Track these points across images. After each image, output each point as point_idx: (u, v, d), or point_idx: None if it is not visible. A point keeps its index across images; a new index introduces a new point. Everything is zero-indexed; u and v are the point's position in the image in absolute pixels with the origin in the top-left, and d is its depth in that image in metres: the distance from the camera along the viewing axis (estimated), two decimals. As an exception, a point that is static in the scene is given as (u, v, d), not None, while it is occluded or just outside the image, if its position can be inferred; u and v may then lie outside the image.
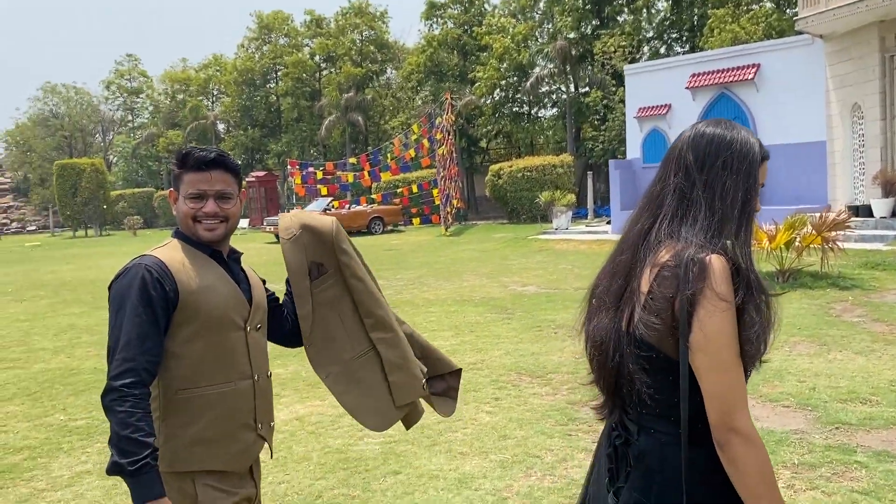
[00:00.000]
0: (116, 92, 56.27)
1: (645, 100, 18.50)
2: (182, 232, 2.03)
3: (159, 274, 1.85)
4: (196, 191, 1.97)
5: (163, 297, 1.84)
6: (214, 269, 1.99)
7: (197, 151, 1.99)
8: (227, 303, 1.96)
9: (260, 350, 2.08)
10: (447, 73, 35.65)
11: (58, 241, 38.18)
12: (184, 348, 1.89)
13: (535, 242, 18.18)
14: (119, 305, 1.83)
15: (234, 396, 1.95)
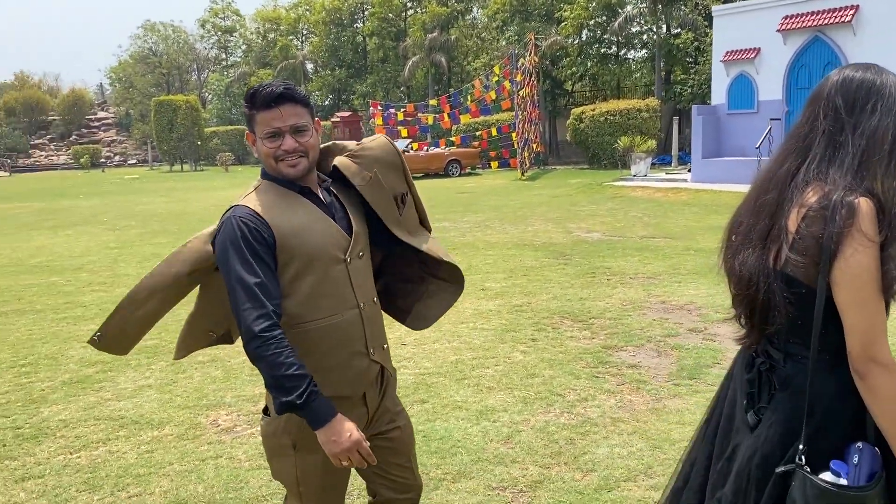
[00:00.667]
0: (211, 30, 57.71)
1: (733, 43, 17.68)
2: (268, 172, 2.02)
3: (254, 223, 1.87)
4: (271, 129, 1.94)
5: (263, 244, 1.87)
6: (306, 207, 1.99)
7: (263, 88, 1.94)
8: (324, 240, 1.97)
9: (363, 278, 2.08)
10: (533, 12, 34.86)
11: (155, 174, 40.08)
12: (290, 287, 1.93)
13: (609, 189, 17.94)
14: (227, 260, 1.86)
15: (344, 326, 1.99)
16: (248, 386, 4.86)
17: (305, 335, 1.95)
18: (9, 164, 50.65)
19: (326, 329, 1.97)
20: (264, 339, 1.79)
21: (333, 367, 1.99)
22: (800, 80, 16.68)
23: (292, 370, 1.79)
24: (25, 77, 65.51)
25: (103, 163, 52.01)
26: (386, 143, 2.18)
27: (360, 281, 2.05)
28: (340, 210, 2.07)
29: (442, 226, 12.84)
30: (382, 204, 2.11)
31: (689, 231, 11.08)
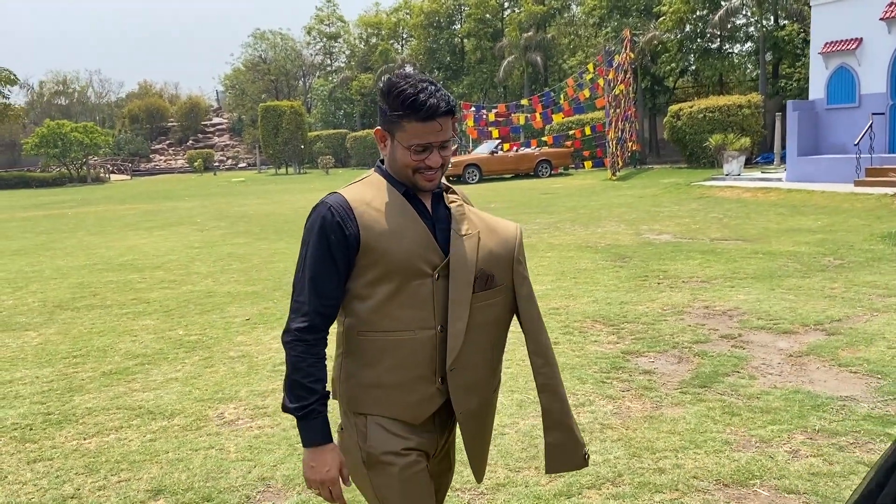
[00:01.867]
0: (317, 37, 59.72)
1: (832, 33, 16.65)
2: (382, 167, 1.90)
3: (340, 216, 1.76)
4: (423, 143, 1.78)
5: (342, 240, 1.76)
6: (406, 211, 1.83)
7: (427, 98, 1.74)
8: (413, 248, 1.80)
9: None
10: (632, 7, 34.04)
11: (261, 177, 41.91)
12: (367, 291, 1.81)
13: (697, 189, 17.31)
14: (303, 244, 1.81)
15: (413, 345, 1.82)
16: (264, 381, 5.05)
17: (371, 345, 1.83)
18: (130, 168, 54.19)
19: (394, 344, 1.82)
20: (296, 337, 1.76)
21: (394, 387, 1.85)
22: (906, 71, 15.52)
23: (307, 381, 1.75)
24: (148, 86, 70.01)
25: (216, 166, 54.86)
26: (514, 228, 1.98)
27: (448, 302, 1.84)
28: (444, 221, 1.87)
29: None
30: (461, 268, 1.84)
31: (765, 233, 10.56)
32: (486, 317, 1.88)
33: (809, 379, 4.59)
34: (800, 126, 16.64)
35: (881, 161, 14.80)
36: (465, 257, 1.84)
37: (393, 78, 1.79)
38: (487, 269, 1.87)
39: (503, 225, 1.96)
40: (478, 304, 1.85)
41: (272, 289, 8.30)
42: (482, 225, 1.91)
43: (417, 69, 47.55)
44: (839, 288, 6.95)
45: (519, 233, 1.97)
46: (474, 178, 26.16)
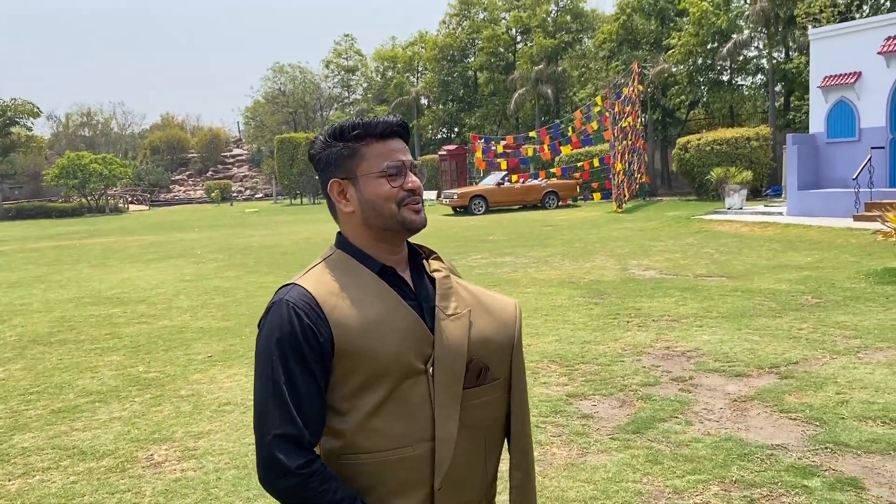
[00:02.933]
0: (335, 70, 60.62)
1: (832, 67, 16.59)
2: (345, 241, 1.56)
3: (309, 317, 1.42)
4: (396, 162, 1.49)
5: (316, 348, 1.42)
6: (385, 295, 1.49)
7: (374, 117, 1.54)
8: (401, 342, 1.46)
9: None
10: (641, 40, 34.25)
11: (275, 207, 42.34)
12: (347, 404, 1.46)
13: (697, 223, 17.20)
14: (265, 360, 1.43)
15: (412, 465, 1.47)
16: (204, 422, 5.06)
17: (359, 469, 1.47)
18: (149, 198, 55.03)
19: (386, 466, 1.46)
20: (303, 476, 1.38)
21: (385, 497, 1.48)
22: (905, 104, 15.41)
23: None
24: (170, 117, 71.36)
25: (233, 196, 55.52)
26: (513, 306, 1.63)
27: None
28: (432, 300, 1.53)
29: (501, 260, 12.79)
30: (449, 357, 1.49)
31: (751, 270, 10.45)
32: (479, 418, 1.52)
33: (746, 426, 4.51)
34: (800, 160, 16.53)
35: (881, 196, 14.62)
36: (454, 343, 1.49)
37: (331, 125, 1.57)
38: (481, 358, 1.52)
39: (500, 302, 1.62)
40: (469, 402, 1.50)
41: (244, 325, 8.34)
42: (474, 302, 1.57)
43: (431, 101, 48.10)
44: (807, 328, 6.85)
45: (518, 313, 1.63)
46: (480, 210, 26.21)
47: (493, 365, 1.53)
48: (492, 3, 45.37)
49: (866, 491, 3.56)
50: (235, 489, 3.93)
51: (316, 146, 1.55)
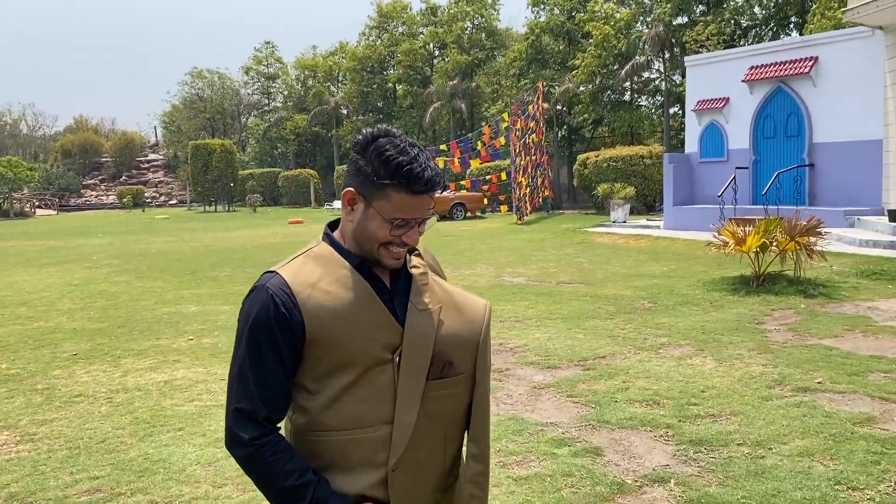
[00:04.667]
0: (255, 77, 60.28)
1: (704, 92, 17.96)
2: (330, 234, 1.68)
3: (284, 304, 1.53)
4: (408, 217, 1.58)
5: (286, 333, 1.53)
6: (358, 289, 1.59)
7: (422, 170, 1.55)
8: (369, 334, 1.57)
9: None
10: (549, 60, 35.62)
11: (188, 214, 41.86)
12: (316, 385, 1.58)
13: (582, 234, 18.25)
14: (239, 338, 1.57)
15: (372, 445, 1.59)
16: (50, 412, 5.44)
17: (323, 447, 1.60)
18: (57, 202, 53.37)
19: (349, 444, 1.58)
20: (256, 447, 1.53)
21: (346, 491, 1.60)
22: (765, 129, 16.83)
23: (293, 479, 1.53)
24: (83, 120, 69.35)
25: (147, 202, 54.46)
26: (483, 306, 1.74)
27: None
28: (406, 294, 1.64)
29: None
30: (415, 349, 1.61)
31: (609, 278, 11.36)
32: (440, 409, 1.64)
33: (533, 408, 5.21)
34: (676, 177, 17.78)
35: (744, 212, 15.91)
36: (422, 336, 1.60)
37: (377, 134, 1.58)
38: (446, 353, 1.63)
39: (471, 302, 1.73)
40: (431, 393, 1.61)
41: (118, 326, 8.67)
42: (446, 299, 1.68)
43: (350, 111, 48.49)
44: (629, 329, 7.68)
45: (488, 312, 1.73)
46: (389, 220, 26.78)
47: (457, 360, 1.64)
48: (410, 17, 46.23)
49: (602, 457, 4.29)
50: (62, 466, 4.36)
51: (361, 148, 1.58)
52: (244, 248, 18.46)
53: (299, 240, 20.14)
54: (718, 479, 3.93)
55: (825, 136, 15.54)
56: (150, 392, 5.88)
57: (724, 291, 9.54)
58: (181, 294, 11.07)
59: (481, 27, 42.20)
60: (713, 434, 4.57)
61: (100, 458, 4.48)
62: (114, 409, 5.44)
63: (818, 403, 5.06)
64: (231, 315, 9.20)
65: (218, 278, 12.77)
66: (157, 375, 6.38)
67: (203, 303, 10.24)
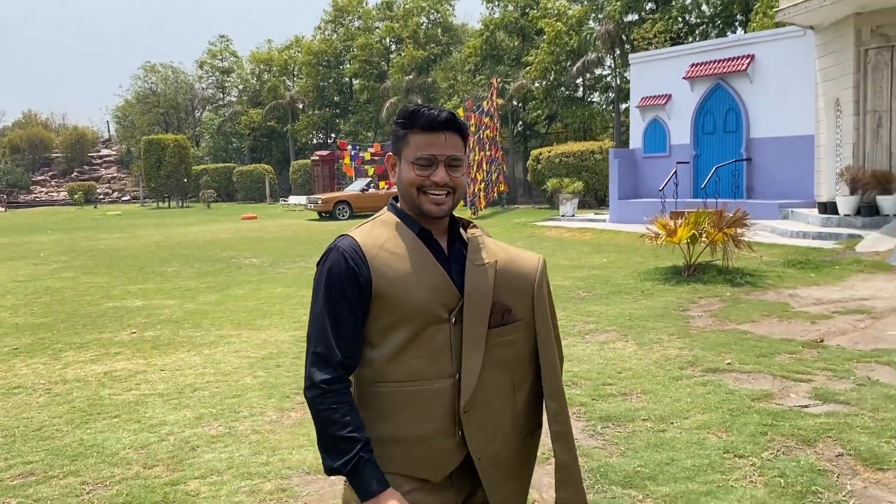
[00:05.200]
0: (209, 71, 59.54)
1: (647, 89, 18.49)
2: (395, 205, 1.84)
3: (354, 260, 1.70)
4: (427, 155, 1.73)
5: (356, 286, 1.69)
6: (419, 252, 1.75)
7: (427, 109, 1.75)
8: (428, 293, 1.72)
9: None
10: (504, 56, 35.99)
11: (141, 210, 41.31)
12: (380, 339, 1.73)
13: (531, 228, 18.63)
14: (316, 292, 1.74)
15: (430, 396, 1.72)
16: (-11, 401, 5.54)
17: (386, 396, 1.73)
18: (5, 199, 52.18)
19: (409, 395, 1.73)
20: (323, 391, 1.67)
21: (412, 441, 1.74)
22: (705, 125, 17.40)
23: (346, 431, 1.65)
24: (32, 115, 67.68)
25: (100, 199, 53.50)
26: (535, 261, 1.88)
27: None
28: (462, 262, 1.79)
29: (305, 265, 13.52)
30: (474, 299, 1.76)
31: (550, 270, 11.55)
32: (504, 355, 1.78)
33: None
34: (620, 172, 18.27)
35: (685, 205, 16.40)
36: (480, 289, 1.75)
37: (407, 106, 1.82)
38: (505, 302, 1.78)
39: (525, 256, 1.88)
40: (494, 340, 1.76)
41: (62, 320, 8.72)
42: (502, 255, 1.83)
43: (306, 106, 48.29)
44: (562, 317, 7.98)
45: (541, 264, 1.87)
46: (345, 215, 26.90)
47: (515, 308, 1.79)
48: (366, 12, 46.21)
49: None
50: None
51: (393, 121, 1.82)
52: (194, 243, 18.43)
53: (252, 235, 20.18)
54: (619, 451, 4.25)
55: (762, 132, 16.14)
56: (88, 383, 6.01)
57: (657, 281, 9.95)
58: (127, 289, 11.11)
59: (437, 22, 42.40)
60: (622, 411, 4.89)
61: (35, 444, 4.62)
62: (52, 400, 5.57)
63: (723, 382, 5.42)
64: (175, 308, 9.31)
65: (165, 273, 12.81)
66: (98, 367, 6.50)
67: (149, 297, 10.31)
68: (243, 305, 9.39)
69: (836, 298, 8.54)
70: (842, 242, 11.93)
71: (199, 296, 10.29)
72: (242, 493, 3.83)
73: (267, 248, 16.57)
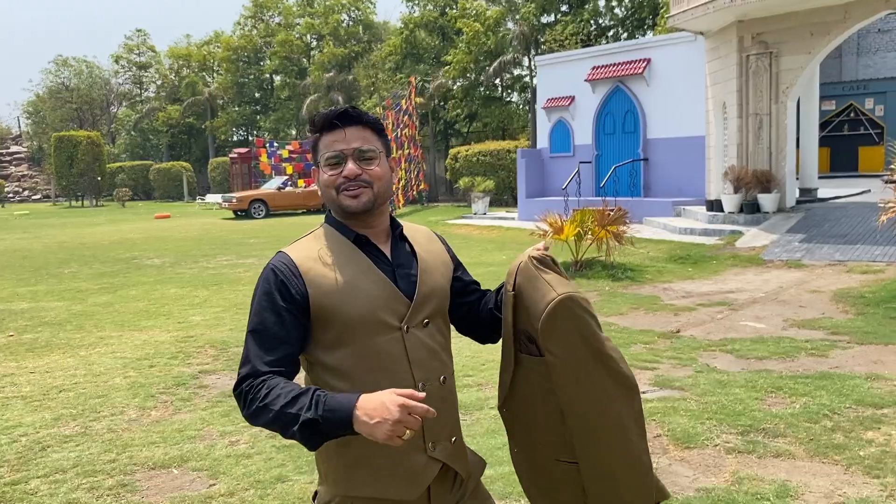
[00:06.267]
0: (126, 66, 57.81)
1: (553, 91, 19.01)
2: (330, 215, 1.78)
3: (284, 275, 1.64)
4: (333, 153, 1.69)
5: (289, 300, 1.62)
6: (357, 260, 1.69)
7: (327, 110, 1.72)
8: (372, 302, 1.64)
9: (427, 351, 1.70)
10: (424, 55, 36.23)
11: (51, 209, 39.87)
12: (329, 357, 1.65)
13: (443, 226, 18.92)
14: (251, 307, 1.68)
15: None
16: None
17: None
18: None
19: None
20: (245, 382, 1.57)
21: (381, 464, 1.64)
22: (606, 126, 18.04)
23: (288, 393, 1.51)
24: (-66, 110, 64.31)
25: (8, 197, 51.35)
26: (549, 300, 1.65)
27: (421, 355, 1.68)
28: (408, 266, 1.75)
29: (243, 262, 13.49)
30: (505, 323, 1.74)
31: (450, 267, 11.98)
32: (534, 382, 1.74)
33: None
34: (528, 171, 18.74)
35: (587, 203, 16.96)
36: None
37: None
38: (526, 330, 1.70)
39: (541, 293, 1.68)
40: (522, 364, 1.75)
41: (-63, 324, 8.49)
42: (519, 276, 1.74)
43: (226, 102, 47.50)
44: (445, 313, 8.27)
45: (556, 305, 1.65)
46: (260, 214, 26.65)
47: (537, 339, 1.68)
48: (287, 8, 45.71)
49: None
50: None
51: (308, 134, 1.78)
52: (100, 244, 18.01)
53: (161, 235, 19.83)
54: (459, 438, 4.50)
55: (658, 133, 16.83)
56: (-49, 387, 5.93)
57: (545, 277, 10.33)
58: (15, 291, 10.85)
59: (358, 20, 42.31)
60: (472, 400, 5.16)
61: None
62: None
63: (575, 372, 5.76)
64: (61, 311, 9.18)
65: (61, 275, 12.53)
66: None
67: (37, 299, 10.10)
68: (132, 307, 9.32)
69: (704, 291, 9.08)
70: (724, 238, 12.61)
71: (91, 297, 10.14)
72: (82, 489, 3.92)
73: (172, 248, 16.36)
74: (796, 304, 8.15)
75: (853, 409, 4.77)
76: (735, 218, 13.42)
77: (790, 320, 7.39)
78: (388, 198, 1.76)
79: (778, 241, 11.55)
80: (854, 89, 23.99)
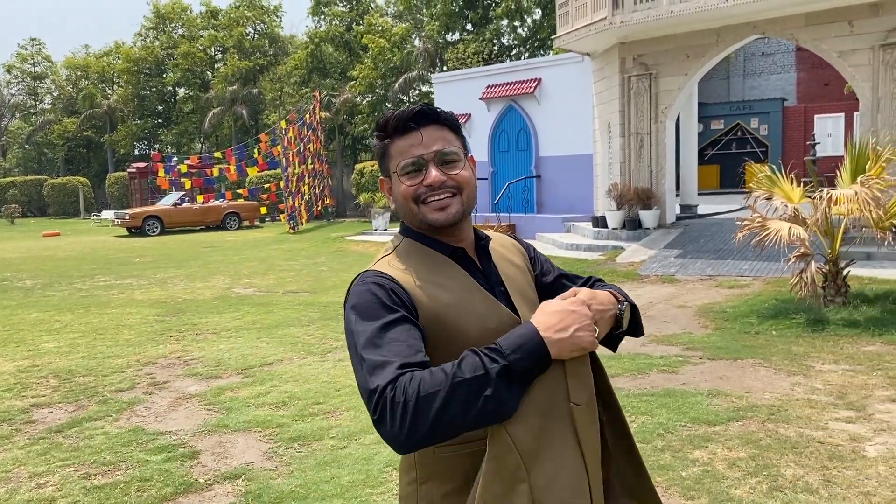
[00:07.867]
0: (19, 76, 55.08)
1: (450, 108, 18.89)
2: (409, 229, 1.54)
3: (385, 284, 1.40)
4: (410, 159, 1.46)
5: (397, 301, 1.38)
6: (461, 278, 1.48)
7: (396, 111, 1.50)
8: (483, 325, 1.42)
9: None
10: (330, 69, 35.97)
11: (-69, 227, 37.43)
12: None
13: (341, 243, 18.72)
14: (350, 331, 1.37)
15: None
16: None
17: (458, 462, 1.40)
18: None
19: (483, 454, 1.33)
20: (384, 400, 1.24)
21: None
22: (500, 143, 18.30)
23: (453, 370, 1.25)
24: None
25: None
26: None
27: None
28: (500, 282, 1.53)
29: (122, 283, 12.93)
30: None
31: (337, 285, 11.82)
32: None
33: (164, 419, 5.39)
34: (425, 188, 18.75)
35: (483, 219, 17.18)
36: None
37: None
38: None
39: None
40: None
41: None
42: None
43: (126, 115, 45.88)
44: (315, 335, 8.09)
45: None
46: (155, 231, 25.73)
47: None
48: (190, 19, 44.61)
49: (195, 460, 4.56)
50: None
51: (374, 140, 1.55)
52: (-28, 264, 16.95)
53: (44, 254, 18.84)
54: (288, 472, 4.35)
55: (549, 151, 17.15)
56: None
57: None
58: None
59: (263, 33, 41.66)
60: (314, 430, 5.01)
61: None
62: None
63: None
64: None
65: (-84, 300, 11.69)
66: None
67: None
68: (-17, 334, 8.74)
69: (578, 308, 9.21)
70: (606, 254, 12.90)
71: (-59, 324, 9.47)
72: None
73: (50, 269, 15.54)
74: (661, 320, 8.36)
75: (687, 427, 4.87)
76: (618, 234, 13.77)
77: (651, 336, 7.55)
78: (475, 205, 1.56)
79: (655, 257, 11.89)
80: (740, 109, 25.14)
